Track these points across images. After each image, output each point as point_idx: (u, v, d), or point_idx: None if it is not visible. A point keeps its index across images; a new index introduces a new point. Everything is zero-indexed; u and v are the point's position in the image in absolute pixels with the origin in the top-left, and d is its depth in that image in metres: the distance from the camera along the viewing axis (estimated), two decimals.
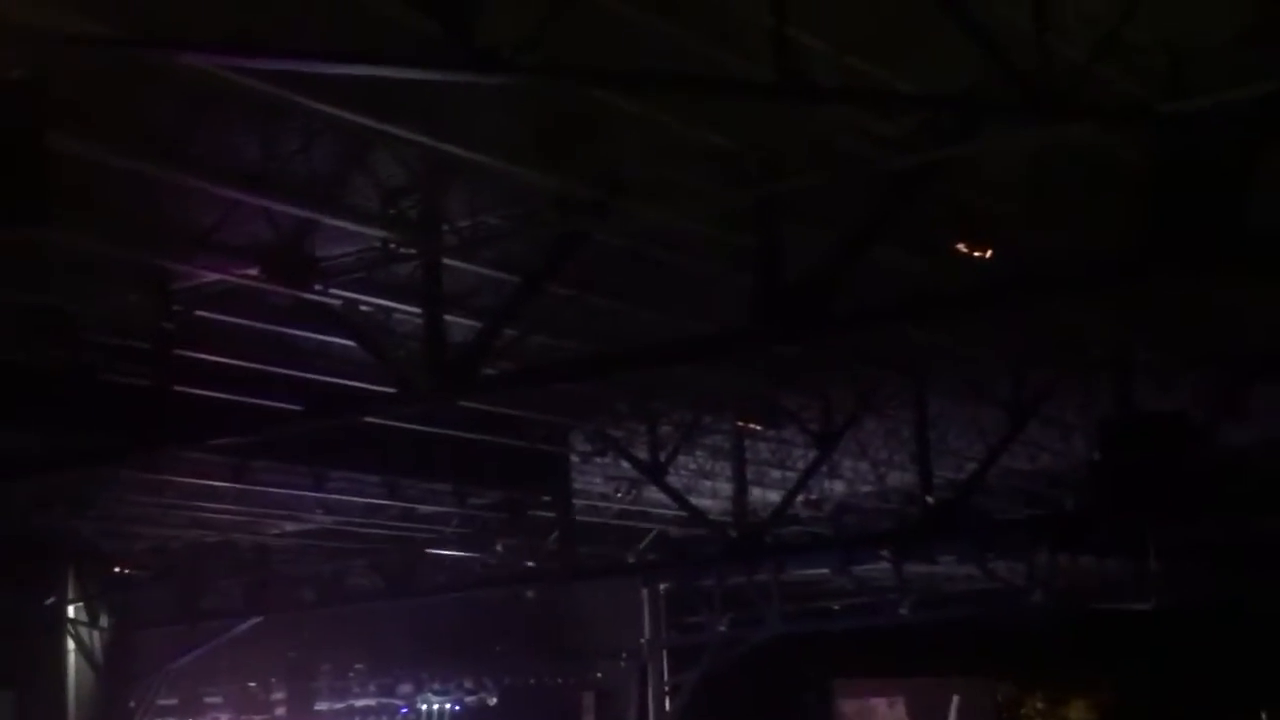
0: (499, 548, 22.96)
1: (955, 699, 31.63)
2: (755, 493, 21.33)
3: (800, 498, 21.13)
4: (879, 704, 33.27)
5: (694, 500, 21.20)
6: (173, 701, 25.45)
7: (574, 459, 20.66)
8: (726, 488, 21.40)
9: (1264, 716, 30.63)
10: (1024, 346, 16.68)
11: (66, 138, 8.90)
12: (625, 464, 20.21)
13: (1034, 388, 17.95)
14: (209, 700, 26.19)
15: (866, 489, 23.03)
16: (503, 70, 7.98)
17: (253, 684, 26.56)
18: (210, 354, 14.56)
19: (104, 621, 23.49)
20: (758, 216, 11.13)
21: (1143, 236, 9.76)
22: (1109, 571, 26.27)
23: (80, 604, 23.21)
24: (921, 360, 17.24)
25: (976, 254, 11.84)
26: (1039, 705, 34.76)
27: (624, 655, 28.43)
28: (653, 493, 21.31)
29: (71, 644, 23.08)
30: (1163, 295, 14.21)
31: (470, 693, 28.01)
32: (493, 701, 28.24)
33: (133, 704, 24.24)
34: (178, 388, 14.39)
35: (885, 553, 24.51)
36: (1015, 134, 10.20)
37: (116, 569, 23.39)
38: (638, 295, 13.81)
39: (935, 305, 12.47)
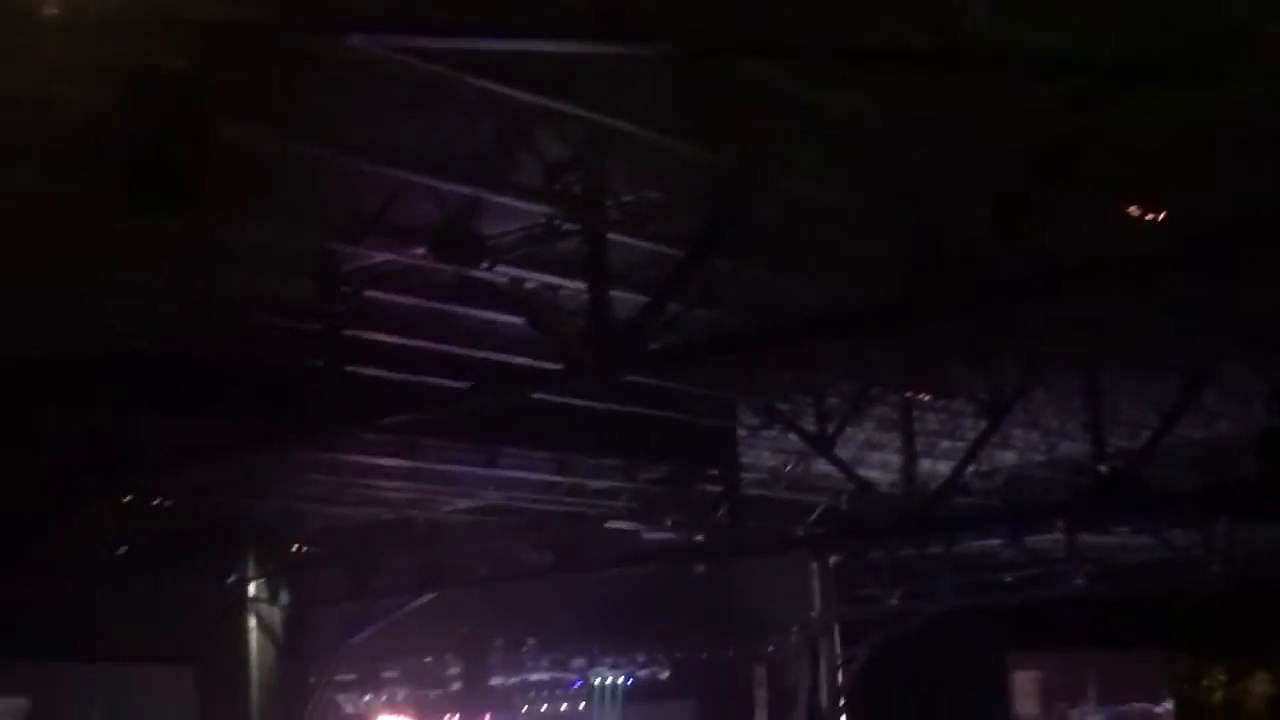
0: (668, 522, 22.99)
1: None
2: (924, 464, 21.14)
3: (970, 468, 20.86)
4: (1051, 677, 32.91)
5: (862, 472, 21.07)
6: (350, 677, 25.86)
7: (741, 432, 20.63)
8: (895, 459, 21.23)
9: None
10: (1197, 311, 16.30)
11: (230, 125, 9.04)
12: (792, 437, 20.13)
13: (1209, 353, 17.57)
14: (386, 675, 26.55)
15: (1038, 459, 22.69)
16: (658, 43, 7.97)
17: (428, 659, 26.88)
18: (379, 334, 14.76)
19: (283, 599, 23.90)
20: (912, 187, 11.02)
21: None
22: None
23: (259, 582, 23.62)
24: (1091, 328, 16.94)
25: (1149, 217, 11.61)
26: (1220, 678, 34.10)
27: (794, 629, 28.37)
28: (821, 465, 21.20)
29: (252, 622, 23.50)
30: None
31: (642, 666, 28.10)
32: (664, 675, 28.31)
33: (312, 680, 24.66)
34: (348, 369, 14.63)
35: (1058, 523, 24.17)
36: (1179, 96, 9.97)
37: (294, 548, 23.78)
38: (799, 268, 13.74)
39: (1093, 275, 12.15)
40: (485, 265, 12.45)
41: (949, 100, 10.34)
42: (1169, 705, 33.22)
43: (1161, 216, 11.65)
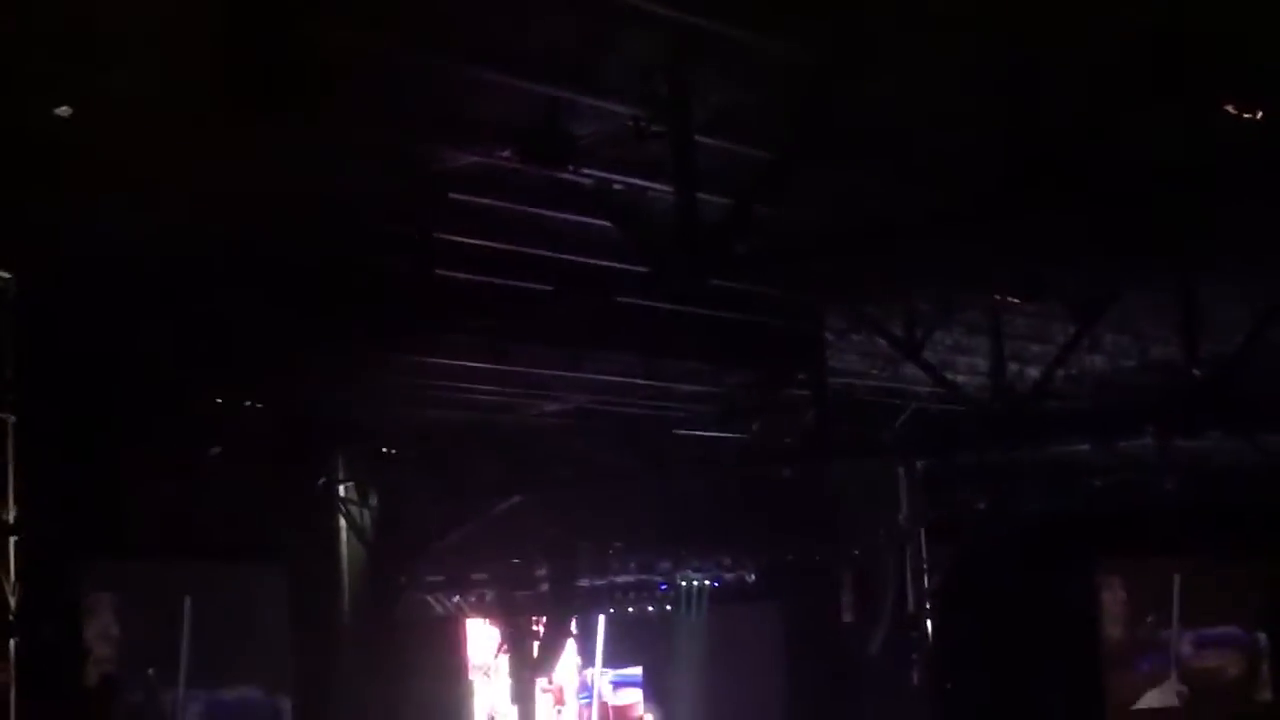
0: (755, 426, 22.99)
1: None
2: (1013, 368, 20.98)
3: (1060, 373, 20.69)
4: (1137, 586, 32.71)
5: (951, 376, 20.94)
6: (439, 578, 26.12)
7: (829, 336, 20.55)
8: (984, 363, 21.10)
9: None
10: None
11: (324, 25, 9.03)
12: (880, 341, 20.03)
13: None
14: (475, 577, 26.80)
15: (1129, 364, 22.45)
16: None
17: (516, 560, 27.12)
18: (467, 237, 14.78)
19: (373, 500, 24.13)
20: (1008, 84, 10.85)
21: None
22: None
23: (350, 483, 23.85)
24: (1187, 229, 16.69)
25: (1246, 115, 11.39)
26: None
27: (881, 534, 28.36)
28: (909, 369, 21.10)
29: (343, 522, 23.76)
30: None
31: (728, 570, 28.23)
32: (751, 579, 28.44)
33: (402, 580, 24.96)
34: (437, 271, 14.68)
35: (1149, 428, 23.93)
36: None
37: (384, 449, 23.96)
38: (890, 169, 13.59)
39: (1199, 175, 11.95)
40: (572, 168, 12.41)
41: None
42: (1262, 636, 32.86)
43: (1259, 115, 11.43)
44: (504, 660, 27.53)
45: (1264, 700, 32.04)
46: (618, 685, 29.24)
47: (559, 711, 28.32)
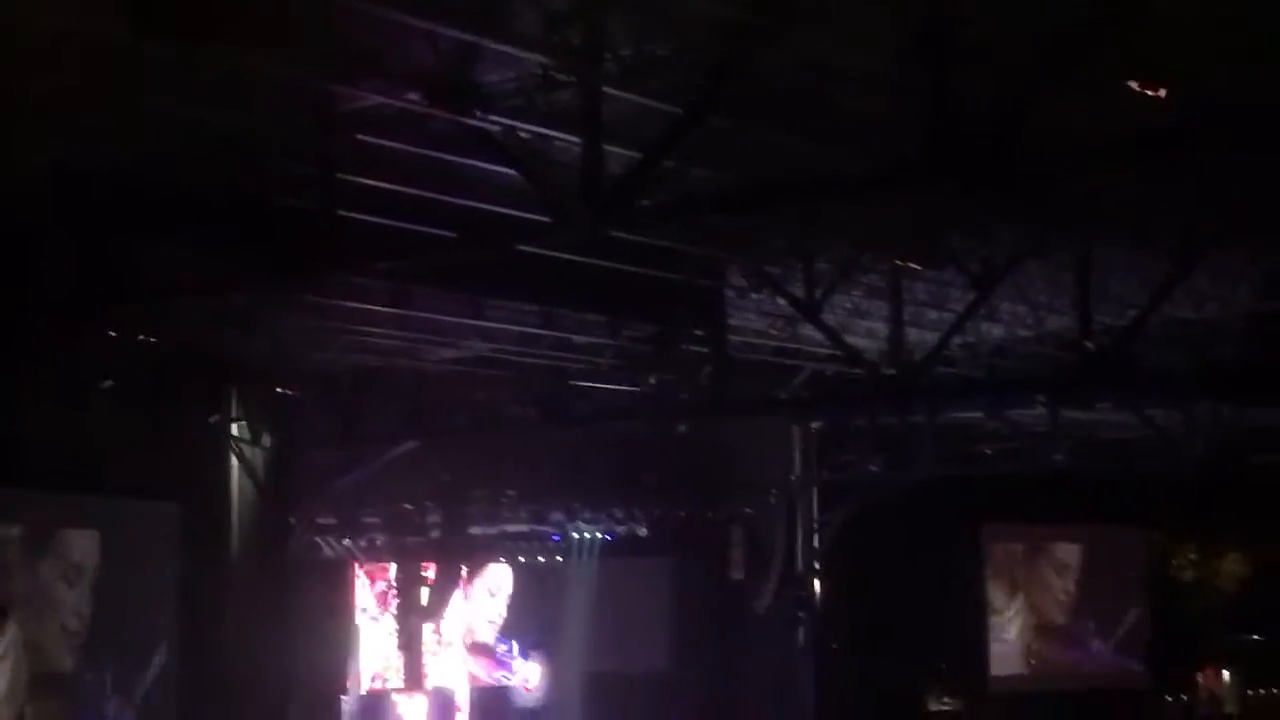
0: (652, 381, 23.04)
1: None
2: (911, 334, 21.14)
3: (956, 340, 20.89)
4: (1027, 548, 33.22)
5: (849, 339, 21.08)
6: (331, 521, 26.02)
7: (729, 294, 20.61)
8: (882, 327, 21.24)
9: None
10: (1194, 191, 16.24)
11: None
12: (780, 300, 20.12)
13: (1202, 234, 17.53)
14: (367, 521, 26.73)
15: (1024, 333, 22.71)
16: None
17: (409, 506, 27.07)
18: (372, 179, 14.68)
19: (266, 441, 23.98)
20: (928, 51, 10.88)
21: None
22: (1272, 424, 25.82)
23: (243, 423, 23.69)
24: (1087, 204, 16.88)
25: (1149, 93, 11.51)
26: (1191, 557, 34.47)
27: (773, 492, 28.58)
28: (807, 330, 21.21)
29: (235, 461, 23.60)
30: None
31: (620, 523, 28.35)
32: (642, 532, 28.57)
33: (292, 521, 24.83)
34: (340, 212, 14.57)
35: (1041, 398, 24.25)
36: None
37: (279, 390, 23.80)
38: (800, 129, 13.62)
39: (1115, 154, 11.92)
40: (479, 113, 12.33)
41: None
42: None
43: (1162, 93, 11.56)
44: (392, 605, 27.54)
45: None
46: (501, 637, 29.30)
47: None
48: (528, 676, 29.22)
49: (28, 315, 17.68)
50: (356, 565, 26.91)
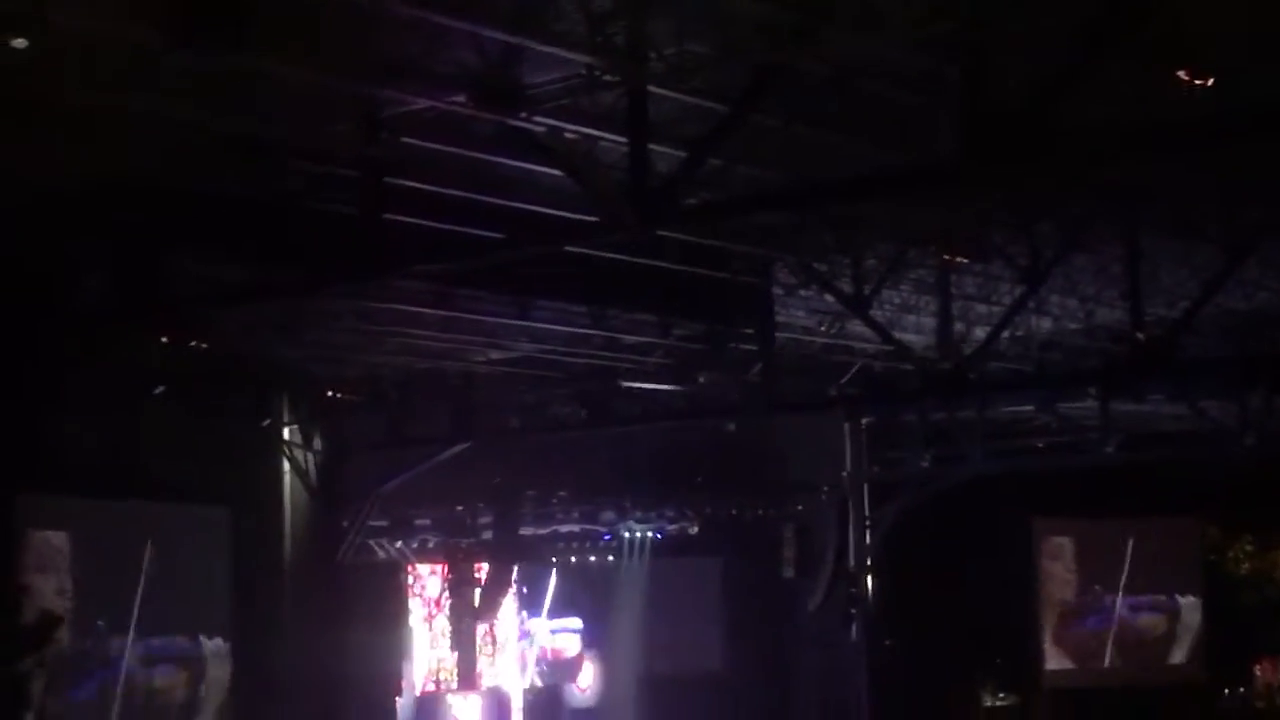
0: (701, 379, 23.02)
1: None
2: (960, 328, 21.08)
3: (1005, 334, 20.80)
4: (1076, 542, 33.01)
5: (898, 335, 21.03)
6: (383, 523, 26.12)
7: (777, 291, 20.58)
8: (930, 322, 21.19)
9: None
10: (1243, 180, 16.13)
11: None
12: (828, 297, 20.08)
13: (1252, 223, 17.41)
14: (418, 523, 26.81)
15: (1074, 326, 22.60)
16: None
17: (460, 508, 27.13)
18: (417, 182, 14.71)
19: (317, 445, 24.06)
20: (966, 45, 10.84)
21: None
22: None
23: (294, 427, 23.78)
24: (1135, 194, 16.79)
25: (1198, 83, 11.44)
26: (1247, 549, 34.16)
27: (824, 489, 28.48)
28: (856, 326, 21.17)
29: (287, 465, 23.70)
30: None
31: (671, 522, 28.33)
32: (694, 531, 28.54)
33: (345, 524, 24.92)
34: (386, 216, 14.61)
35: (1091, 390, 24.10)
36: None
37: (329, 394, 23.89)
38: (844, 126, 13.60)
39: (1153, 141, 11.89)
40: (524, 115, 12.35)
41: None
42: (1192, 599, 33.31)
43: (1210, 82, 11.48)
44: (445, 606, 27.60)
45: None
46: (556, 632, 29.36)
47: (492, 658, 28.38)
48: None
49: (74, 323, 17.79)
50: (409, 567, 26.97)
